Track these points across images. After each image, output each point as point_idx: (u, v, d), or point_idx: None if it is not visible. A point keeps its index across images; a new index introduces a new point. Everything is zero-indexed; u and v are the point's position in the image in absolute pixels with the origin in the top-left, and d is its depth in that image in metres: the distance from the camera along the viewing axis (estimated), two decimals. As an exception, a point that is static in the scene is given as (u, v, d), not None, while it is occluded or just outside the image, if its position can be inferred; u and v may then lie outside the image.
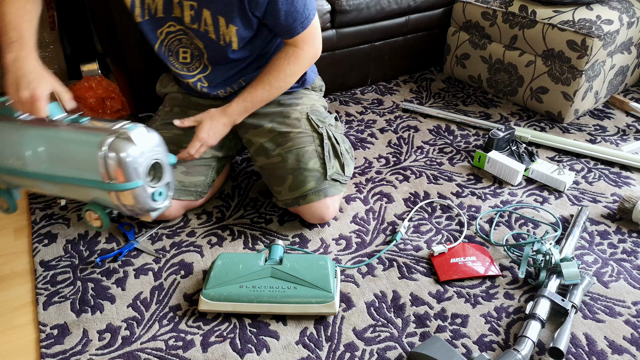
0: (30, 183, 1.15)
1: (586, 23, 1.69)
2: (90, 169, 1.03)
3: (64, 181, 1.08)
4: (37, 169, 1.10)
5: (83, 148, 1.05)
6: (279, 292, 1.11)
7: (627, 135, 1.79)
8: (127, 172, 1.02)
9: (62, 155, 1.08)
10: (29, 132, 1.10)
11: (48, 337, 1.09)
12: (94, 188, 1.06)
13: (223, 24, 1.20)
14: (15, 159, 1.11)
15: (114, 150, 1.01)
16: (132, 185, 1.04)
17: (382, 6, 1.87)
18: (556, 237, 1.34)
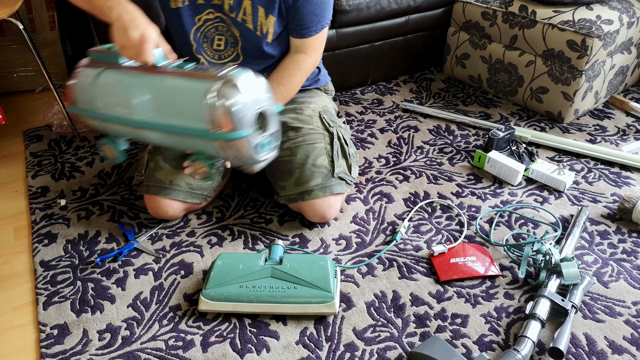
0: (135, 132, 1.14)
1: (586, 23, 1.69)
2: (195, 118, 1.00)
3: (170, 130, 1.06)
4: (143, 118, 1.07)
5: (188, 96, 1.01)
6: (279, 292, 1.11)
7: (627, 135, 1.79)
8: (233, 121, 0.97)
9: (167, 103, 1.04)
10: (135, 79, 1.08)
11: (48, 337, 1.09)
12: (199, 137, 1.02)
13: (262, 14, 1.23)
14: (122, 107, 1.10)
15: (220, 98, 0.96)
16: (237, 135, 0.98)
17: (382, 6, 1.87)
18: (556, 237, 1.33)
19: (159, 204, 1.32)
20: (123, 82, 1.11)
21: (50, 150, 1.69)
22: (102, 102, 1.14)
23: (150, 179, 1.32)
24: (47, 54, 2.02)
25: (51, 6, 1.95)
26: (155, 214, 1.35)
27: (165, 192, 1.31)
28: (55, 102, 1.78)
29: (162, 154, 1.33)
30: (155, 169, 1.32)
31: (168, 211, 1.34)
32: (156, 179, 1.31)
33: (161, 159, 1.32)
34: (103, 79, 1.13)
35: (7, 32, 1.91)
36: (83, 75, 1.16)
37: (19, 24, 1.53)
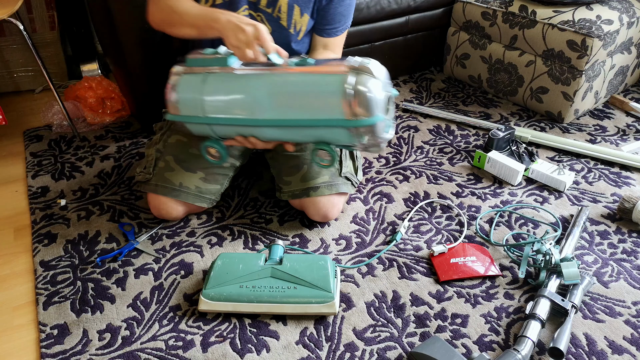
0: (253, 131, 1.14)
1: (586, 23, 1.69)
2: (332, 109, 1.03)
3: (300, 124, 1.08)
4: (268, 116, 1.09)
5: (323, 88, 1.04)
6: (279, 292, 1.11)
7: (627, 135, 1.79)
8: (371, 107, 1.02)
9: (298, 98, 1.07)
10: (257, 80, 1.09)
11: (48, 337, 1.09)
12: (334, 127, 1.06)
13: (298, 12, 1.25)
14: (241, 109, 1.11)
15: (358, 87, 1.00)
16: (375, 119, 1.03)
17: (382, 6, 1.87)
18: (556, 237, 1.33)
19: (164, 205, 1.32)
20: (243, 83, 1.10)
21: (50, 150, 1.69)
22: (215, 107, 1.13)
23: (159, 179, 1.31)
24: (47, 54, 2.02)
25: (51, 6, 1.95)
26: (158, 214, 1.35)
27: (174, 194, 1.30)
28: (55, 102, 1.78)
29: (172, 154, 1.31)
30: (165, 169, 1.31)
31: (172, 213, 1.34)
32: (166, 180, 1.30)
33: (172, 160, 1.31)
34: (215, 83, 1.12)
35: (7, 32, 1.91)
36: (185, 83, 1.14)
37: (19, 24, 1.53)
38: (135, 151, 1.68)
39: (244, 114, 1.12)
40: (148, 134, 1.75)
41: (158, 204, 1.32)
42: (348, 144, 1.13)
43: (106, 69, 2.18)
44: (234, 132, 1.18)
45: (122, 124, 1.83)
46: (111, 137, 1.76)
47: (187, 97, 1.14)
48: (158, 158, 1.33)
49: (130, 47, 1.54)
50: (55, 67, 2.07)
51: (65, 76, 2.13)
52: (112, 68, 1.98)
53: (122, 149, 1.69)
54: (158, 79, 1.56)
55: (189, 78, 1.14)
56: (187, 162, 1.31)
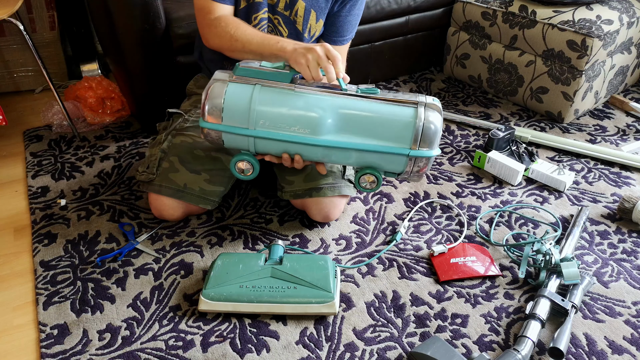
0: (299, 149, 1.13)
1: (586, 23, 1.69)
2: (400, 138, 1.09)
3: (360, 149, 1.10)
4: (329, 137, 1.10)
5: (396, 118, 1.09)
6: (279, 292, 1.11)
7: (627, 135, 1.79)
8: (435, 140, 1.09)
9: (369, 124, 1.09)
10: (325, 100, 1.10)
11: (48, 337, 1.09)
12: (393, 155, 1.10)
13: (314, 17, 1.27)
14: (301, 126, 1.09)
15: (429, 122, 1.08)
16: (434, 152, 1.11)
17: (382, 6, 1.87)
18: (556, 237, 1.34)
19: (167, 207, 1.31)
20: (307, 101, 1.09)
21: (50, 150, 1.69)
22: (270, 121, 1.10)
23: (163, 179, 1.30)
24: (47, 54, 2.02)
25: (51, 6, 1.95)
26: (159, 215, 1.35)
27: (178, 195, 1.30)
28: (55, 102, 1.78)
29: (177, 155, 1.30)
30: (169, 170, 1.30)
31: (174, 214, 1.34)
32: (170, 181, 1.29)
33: (177, 160, 1.30)
34: (274, 96, 1.09)
35: (7, 32, 1.91)
36: (236, 90, 1.09)
37: (19, 24, 1.53)
38: (135, 151, 1.68)
39: (304, 132, 1.10)
40: (148, 134, 1.75)
41: (160, 204, 1.32)
42: (396, 172, 1.16)
43: (106, 69, 2.18)
44: (279, 149, 1.14)
45: (122, 124, 1.83)
46: (111, 137, 1.76)
47: (237, 106, 1.09)
48: (162, 158, 1.32)
49: (130, 47, 1.54)
50: (55, 67, 2.07)
51: (65, 76, 2.13)
52: (112, 68, 1.98)
53: (122, 149, 1.69)
54: (158, 79, 1.56)
55: (241, 86, 1.10)
56: (191, 164, 1.30)
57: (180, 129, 1.34)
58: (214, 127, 1.11)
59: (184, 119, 1.36)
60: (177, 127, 1.35)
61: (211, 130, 1.12)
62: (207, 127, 1.12)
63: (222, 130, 1.11)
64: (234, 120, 1.10)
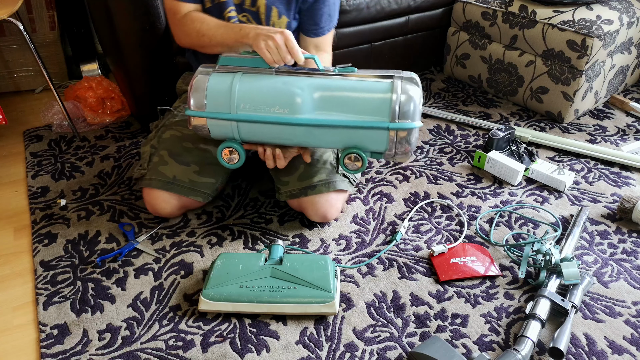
0: (281, 132, 1.16)
1: (586, 23, 1.69)
2: (379, 111, 1.11)
3: (341, 125, 1.12)
4: (308, 116, 1.13)
5: (373, 91, 1.11)
6: (279, 292, 1.11)
7: (627, 135, 1.79)
8: (415, 112, 1.11)
9: (347, 100, 1.12)
10: (302, 80, 1.13)
11: (48, 337, 1.09)
12: (375, 130, 1.12)
13: (275, 14, 1.28)
14: (280, 106, 1.13)
15: (406, 93, 1.10)
16: (416, 124, 1.12)
17: (382, 6, 1.87)
18: (556, 237, 1.34)
19: (158, 200, 1.31)
20: (285, 81, 1.13)
21: (50, 150, 1.69)
22: (251, 103, 1.13)
23: (153, 173, 1.31)
24: (47, 54, 2.02)
25: (51, 6, 1.95)
26: (153, 210, 1.34)
27: (168, 187, 1.30)
28: (55, 102, 1.78)
29: (166, 149, 1.32)
30: (159, 163, 1.31)
31: (166, 208, 1.33)
32: (160, 173, 1.30)
33: (166, 154, 1.31)
34: (253, 79, 1.14)
35: (7, 32, 1.91)
36: (218, 78, 1.15)
37: (18, 24, 1.53)
38: (135, 151, 1.68)
39: (283, 112, 1.13)
40: (148, 134, 1.75)
41: (152, 198, 1.32)
42: (380, 150, 1.17)
43: (106, 69, 2.18)
44: (262, 133, 1.17)
45: (122, 124, 1.83)
46: (111, 137, 1.76)
47: (219, 91, 1.14)
48: (152, 153, 1.34)
49: (130, 47, 1.54)
50: (55, 67, 2.07)
51: (65, 76, 2.13)
52: (112, 68, 1.98)
53: (122, 149, 1.69)
54: (158, 79, 1.56)
55: (222, 74, 1.15)
56: (180, 156, 1.31)
57: (169, 124, 1.36)
58: (198, 114, 1.16)
59: (172, 114, 1.39)
60: (167, 122, 1.37)
61: (196, 117, 1.16)
62: (192, 114, 1.16)
63: (206, 117, 1.16)
64: (216, 106, 1.14)
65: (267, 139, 1.20)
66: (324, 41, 1.39)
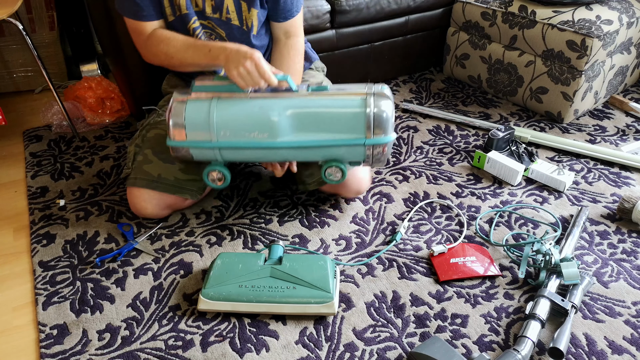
0: (265, 153, 1.19)
1: (586, 23, 1.69)
2: (354, 128, 1.13)
3: (319, 145, 1.15)
4: (288, 138, 1.15)
5: (346, 110, 1.13)
6: (278, 292, 1.11)
7: (627, 135, 1.79)
8: (388, 126, 1.13)
9: (322, 119, 1.14)
10: (278, 102, 1.14)
11: (47, 337, 1.09)
12: (351, 146, 1.15)
13: (245, 8, 1.26)
14: (259, 131, 1.14)
15: (378, 108, 1.12)
16: (390, 137, 1.15)
17: (381, 6, 1.87)
18: (556, 237, 1.33)
19: (139, 199, 1.30)
20: (262, 106, 1.14)
21: (49, 151, 1.69)
22: (231, 130, 1.15)
23: (138, 172, 1.30)
24: (46, 54, 2.02)
25: (50, 6, 1.95)
26: (135, 210, 1.34)
27: (153, 186, 1.29)
28: (54, 102, 1.78)
29: (151, 147, 1.31)
30: (143, 162, 1.30)
31: (147, 207, 1.32)
32: (144, 172, 1.29)
33: (150, 152, 1.30)
34: (230, 106, 1.15)
35: (6, 32, 1.91)
36: (194, 107, 1.15)
37: (18, 24, 1.53)
38: (135, 151, 1.68)
39: (263, 137, 1.15)
40: (147, 134, 1.76)
41: (134, 197, 1.31)
42: (358, 160, 1.20)
43: (106, 69, 2.18)
44: (244, 155, 1.21)
45: (121, 124, 1.83)
46: (111, 137, 1.76)
47: (197, 121, 1.15)
48: (137, 152, 1.33)
49: (130, 47, 1.53)
50: (54, 67, 2.07)
51: (65, 76, 2.12)
52: (112, 68, 1.98)
53: (121, 149, 1.69)
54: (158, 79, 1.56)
55: (199, 102, 1.15)
56: (165, 154, 1.30)
57: (154, 123, 1.36)
58: (180, 144, 1.17)
59: (157, 113, 1.39)
60: (152, 122, 1.37)
61: (179, 147, 1.18)
62: (174, 145, 1.18)
63: (188, 146, 1.17)
64: (197, 135, 1.16)
65: (249, 160, 1.23)
66: (294, 24, 1.36)
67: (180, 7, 1.25)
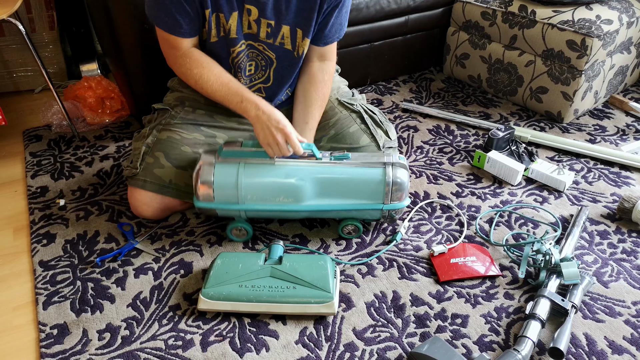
0: (287, 214, 1.29)
1: (586, 23, 1.69)
2: (374, 195, 1.25)
3: (342, 209, 1.26)
4: (311, 202, 1.24)
5: (367, 181, 1.24)
6: (278, 291, 1.11)
7: (627, 135, 1.79)
8: (405, 194, 1.26)
9: (346, 187, 1.24)
10: (304, 169, 1.23)
11: (48, 337, 1.09)
12: (371, 210, 1.26)
13: (300, 36, 1.28)
14: (285, 196, 1.23)
15: (397, 178, 1.24)
16: (406, 203, 1.27)
17: (381, 6, 1.87)
18: (556, 237, 1.33)
19: (142, 202, 1.29)
20: (288, 172, 1.22)
21: (49, 150, 1.69)
22: (257, 194, 1.23)
23: (147, 174, 1.29)
24: (46, 54, 2.02)
25: (50, 6, 1.95)
26: (135, 210, 1.32)
27: (164, 191, 1.29)
28: (54, 102, 1.78)
29: (163, 151, 1.30)
30: (154, 165, 1.29)
31: (149, 210, 1.31)
32: (156, 176, 1.29)
33: (162, 156, 1.29)
34: (258, 171, 1.22)
35: (6, 32, 1.91)
36: (223, 170, 1.22)
37: (18, 24, 1.53)
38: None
39: (288, 201, 1.24)
40: (147, 134, 1.75)
41: (138, 200, 1.30)
42: (374, 219, 1.31)
43: (106, 68, 2.17)
44: (267, 215, 1.31)
45: (121, 124, 1.83)
46: (110, 137, 1.76)
47: (226, 185, 1.22)
48: (146, 152, 1.31)
49: (129, 47, 1.54)
50: (54, 67, 2.07)
51: (65, 76, 2.12)
52: (112, 68, 1.98)
53: (121, 149, 1.69)
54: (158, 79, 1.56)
55: (227, 166, 1.23)
56: (178, 160, 1.29)
57: (167, 125, 1.34)
58: (208, 206, 1.25)
59: (170, 114, 1.36)
60: (164, 122, 1.35)
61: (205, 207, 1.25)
62: (201, 206, 1.25)
63: (215, 208, 1.25)
64: (224, 198, 1.23)
65: (272, 217, 1.34)
66: (331, 49, 1.38)
67: (229, 31, 1.23)
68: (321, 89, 1.34)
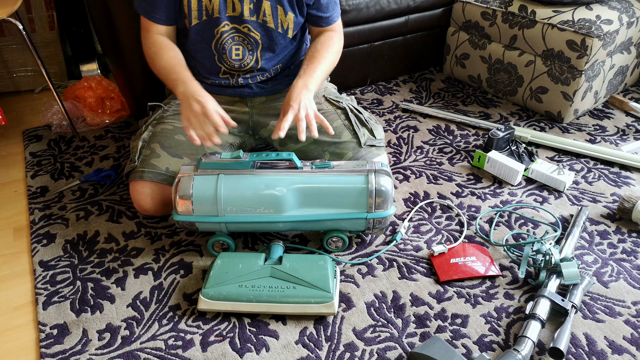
0: (270, 226, 1.24)
1: (586, 23, 1.69)
2: (357, 204, 1.20)
3: (325, 219, 1.21)
4: (293, 213, 1.20)
5: (349, 188, 1.20)
6: (278, 291, 1.11)
7: (627, 135, 1.79)
8: (389, 201, 1.20)
9: (328, 196, 1.20)
10: (284, 179, 1.20)
11: (48, 337, 1.09)
12: (355, 220, 1.21)
13: (282, 12, 1.28)
14: (266, 207, 1.19)
15: (380, 186, 1.19)
16: (391, 210, 1.22)
17: (381, 6, 1.87)
18: (556, 237, 1.33)
19: (141, 194, 1.27)
20: (268, 182, 1.19)
21: (49, 150, 1.69)
22: (237, 206, 1.19)
23: (144, 165, 1.28)
24: (46, 54, 2.02)
25: (50, 6, 1.95)
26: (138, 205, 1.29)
27: (160, 178, 1.27)
28: (54, 102, 1.78)
29: (158, 142, 1.30)
30: (151, 156, 1.29)
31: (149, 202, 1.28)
32: (152, 165, 1.28)
33: (158, 146, 1.30)
34: (237, 182, 1.19)
35: (6, 32, 1.91)
36: (201, 183, 1.19)
37: (18, 24, 1.53)
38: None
39: (269, 212, 1.20)
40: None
41: (138, 192, 1.27)
42: (359, 230, 1.26)
43: (106, 69, 2.17)
44: (249, 228, 1.25)
45: (121, 124, 1.83)
46: (110, 137, 1.76)
47: (205, 198, 1.18)
48: (143, 146, 1.32)
49: (130, 47, 1.54)
50: (54, 67, 2.07)
51: (65, 76, 2.12)
52: (112, 68, 1.98)
53: (121, 149, 1.69)
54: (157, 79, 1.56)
55: (206, 178, 1.20)
56: (173, 148, 1.30)
57: (161, 119, 1.37)
58: (187, 219, 1.21)
59: (163, 109, 1.40)
60: (157, 117, 1.38)
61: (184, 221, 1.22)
62: (180, 219, 1.21)
63: (194, 221, 1.21)
64: (204, 210, 1.20)
65: (253, 230, 1.29)
66: (335, 27, 1.39)
67: (212, 11, 1.25)
68: (327, 42, 1.34)
